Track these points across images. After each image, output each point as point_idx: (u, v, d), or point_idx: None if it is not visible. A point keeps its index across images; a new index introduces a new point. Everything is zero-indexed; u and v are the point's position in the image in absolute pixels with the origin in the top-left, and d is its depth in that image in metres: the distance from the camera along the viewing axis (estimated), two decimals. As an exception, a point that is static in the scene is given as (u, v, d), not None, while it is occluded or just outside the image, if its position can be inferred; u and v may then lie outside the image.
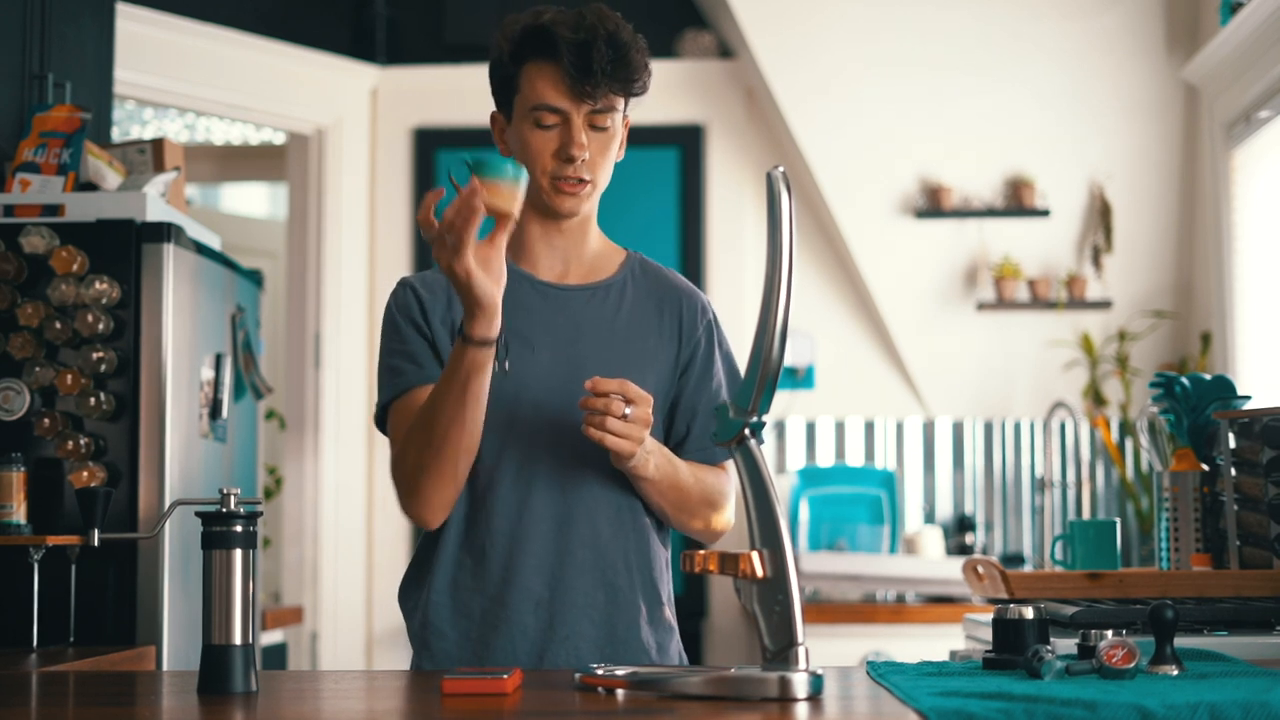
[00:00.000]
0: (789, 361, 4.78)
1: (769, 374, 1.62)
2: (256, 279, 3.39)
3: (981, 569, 2.49)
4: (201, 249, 3.01)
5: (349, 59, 4.98)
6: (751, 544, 1.61)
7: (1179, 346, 4.71)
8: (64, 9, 3.25)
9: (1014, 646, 1.73)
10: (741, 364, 2.12)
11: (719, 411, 1.66)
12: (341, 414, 4.91)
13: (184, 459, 2.90)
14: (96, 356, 2.80)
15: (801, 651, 1.57)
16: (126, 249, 2.85)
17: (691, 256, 4.86)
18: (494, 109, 2.16)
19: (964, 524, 4.73)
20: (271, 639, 4.50)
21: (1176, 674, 1.64)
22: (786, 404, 4.83)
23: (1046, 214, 4.72)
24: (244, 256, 4.82)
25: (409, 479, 2.04)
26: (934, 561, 4.35)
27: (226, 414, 3.10)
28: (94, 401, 2.79)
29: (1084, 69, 4.70)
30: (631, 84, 2.09)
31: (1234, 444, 2.51)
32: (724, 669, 1.61)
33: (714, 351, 2.19)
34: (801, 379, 4.84)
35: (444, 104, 4.97)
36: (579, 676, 1.69)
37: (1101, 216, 4.68)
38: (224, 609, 1.69)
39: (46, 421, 2.79)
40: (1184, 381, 2.63)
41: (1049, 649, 1.63)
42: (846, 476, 4.74)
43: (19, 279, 2.82)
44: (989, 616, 2.20)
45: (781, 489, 4.65)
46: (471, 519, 2.09)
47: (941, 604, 4.30)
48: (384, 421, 2.12)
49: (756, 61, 4.67)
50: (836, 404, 4.88)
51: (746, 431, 1.64)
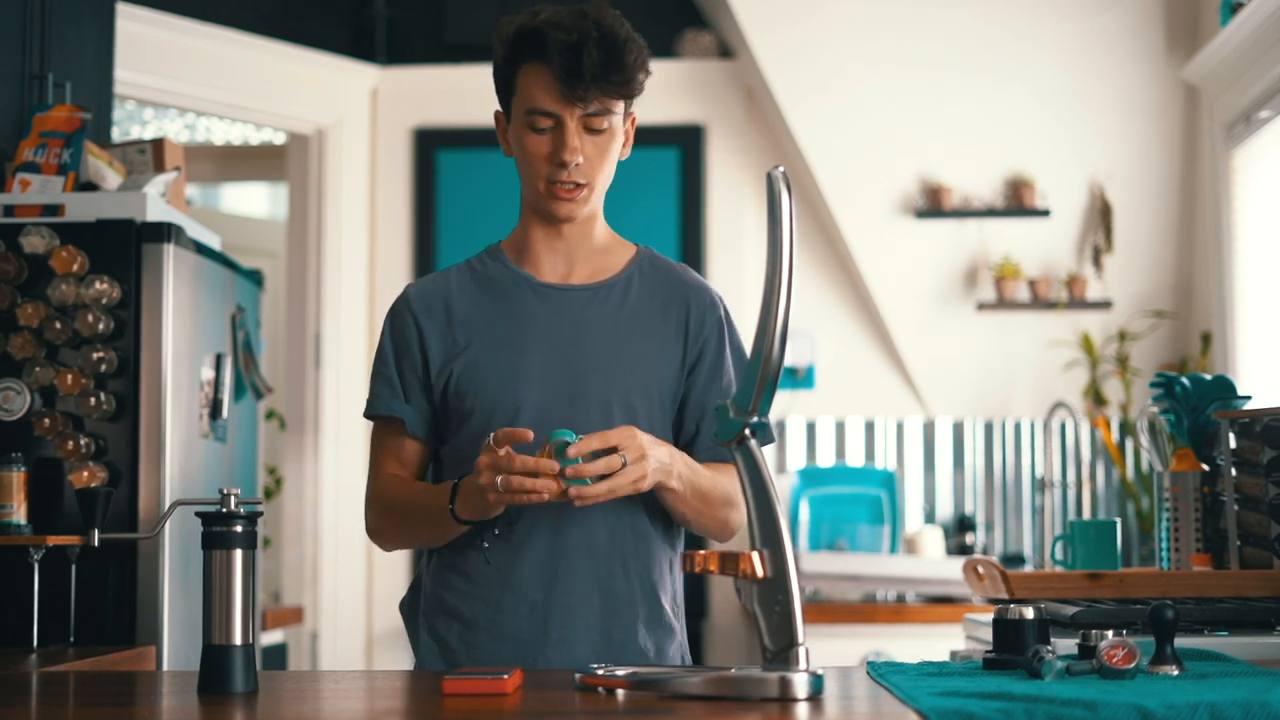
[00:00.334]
0: (789, 362, 4.78)
1: (769, 374, 1.62)
2: (256, 279, 3.39)
3: (982, 569, 2.49)
4: (201, 249, 3.01)
5: (349, 59, 4.98)
6: (752, 544, 1.61)
7: (1179, 346, 4.71)
8: (64, 9, 3.25)
9: (1014, 647, 1.73)
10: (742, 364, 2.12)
11: (719, 412, 1.65)
12: (341, 414, 4.91)
13: (184, 459, 2.89)
14: (97, 356, 2.80)
15: (802, 652, 1.57)
16: (126, 249, 2.84)
17: (691, 256, 4.86)
18: (497, 108, 2.15)
19: (964, 524, 4.73)
20: (271, 639, 4.50)
21: (1177, 674, 1.64)
22: (787, 404, 4.83)
23: (1047, 214, 4.72)
24: (244, 256, 4.82)
25: (379, 533, 2.13)
26: (934, 562, 4.35)
27: (227, 414, 3.10)
28: (94, 401, 2.79)
29: (1084, 69, 4.70)
30: (624, 86, 2.04)
31: (1234, 444, 2.51)
32: (724, 669, 1.61)
33: (724, 349, 2.15)
34: (802, 379, 4.84)
35: (444, 104, 4.97)
36: (579, 677, 1.69)
37: (1102, 216, 4.68)
38: (224, 609, 1.69)
39: (47, 421, 2.79)
40: (1184, 381, 2.63)
41: (1049, 649, 1.63)
42: (847, 476, 4.74)
43: (19, 279, 2.82)
44: (989, 617, 2.20)
45: (782, 489, 4.64)
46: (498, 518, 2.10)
47: (942, 604, 4.30)
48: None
49: (756, 61, 4.67)
50: (837, 404, 4.87)
51: (747, 431, 1.64)
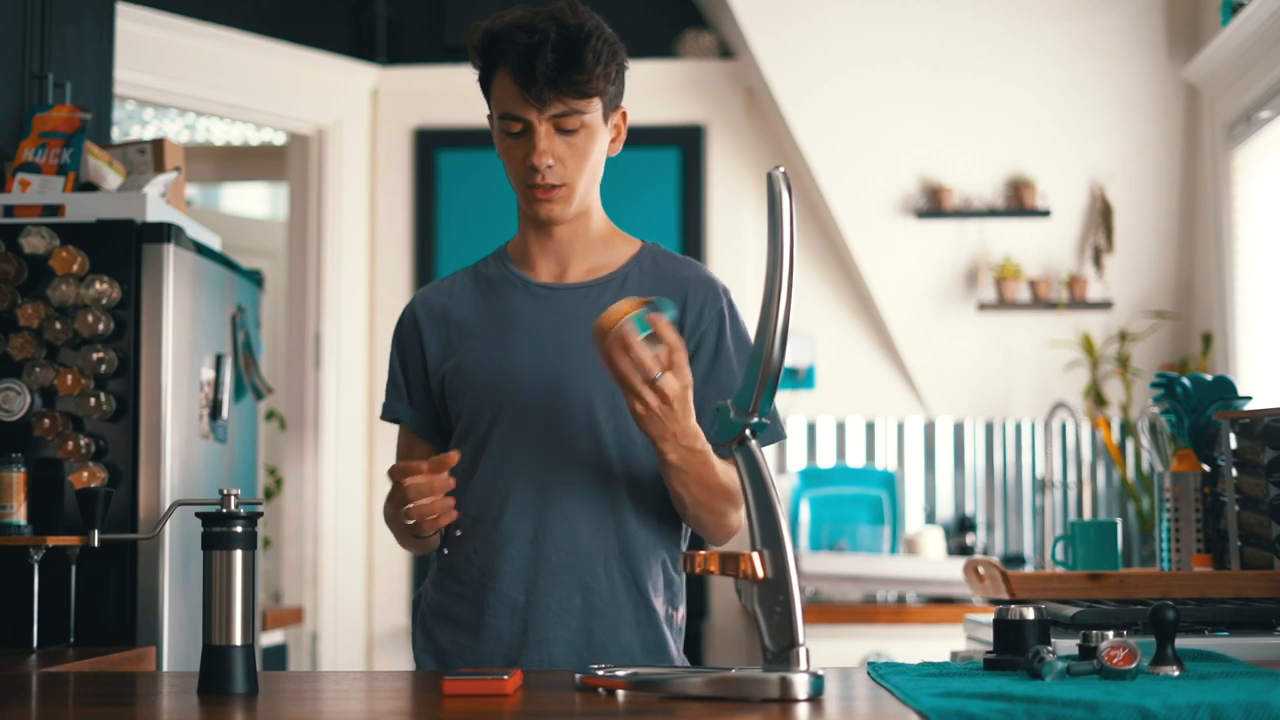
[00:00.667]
0: (790, 362, 4.78)
1: (770, 374, 1.61)
2: (256, 279, 3.39)
3: (982, 569, 2.49)
4: (201, 249, 3.01)
5: (349, 59, 4.98)
6: (752, 544, 1.61)
7: (1180, 347, 4.71)
8: (64, 9, 3.25)
9: (1015, 647, 1.73)
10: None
11: (720, 412, 1.65)
12: (341, 414, 4.91)
13: (184, 459, 2.89)
14: (97, 357, 2.80)
15: (802, 652, 1.57)
16: (126, 249, 2.84)
17: (692, 256, 4.85)
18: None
19: (965, 524, 4.72)
20: (272, 639, 4.50)
21: (1177, 675, 1.64)
22: (787, 404, 4.83)
23: (1047, 214, 4.71)
24: (244, 256, 4.83)
25: (393, 535, 2.17)
26: (935, 562, 4.35)
27: (227, 414, 3.10)
28: (94, 402, 2.79)
29: (1084, 69, 4.70)
30: (583, 86, 1.99)
31: (1235, 444, 2.51)
32: (724, 670, 1.61)
33: (724, 342, 2.10)
34: (802, 379, 4.84)
35: (444, 104, 4.97)
36: (579, 677, 1.69)
37: (1102, 217, 4.68)
38: (224, 609, 1.69)
39: (47, 422, 2.78)
40: (1185, 382, 2.63)
41: (1050, 650, 1.63)
42: (847, 477, 4.73)
43: (19, 279, 2.82)
44: (990, 617, 2.20)
45: (782, 489, 4.64)
46: (452, 525, 2.10)
47: (942, 605, 4.30)
48: None
49: (757, 61, 4.67)
50: (837, 404, 4.87)
51: (748, 432, 1.64)
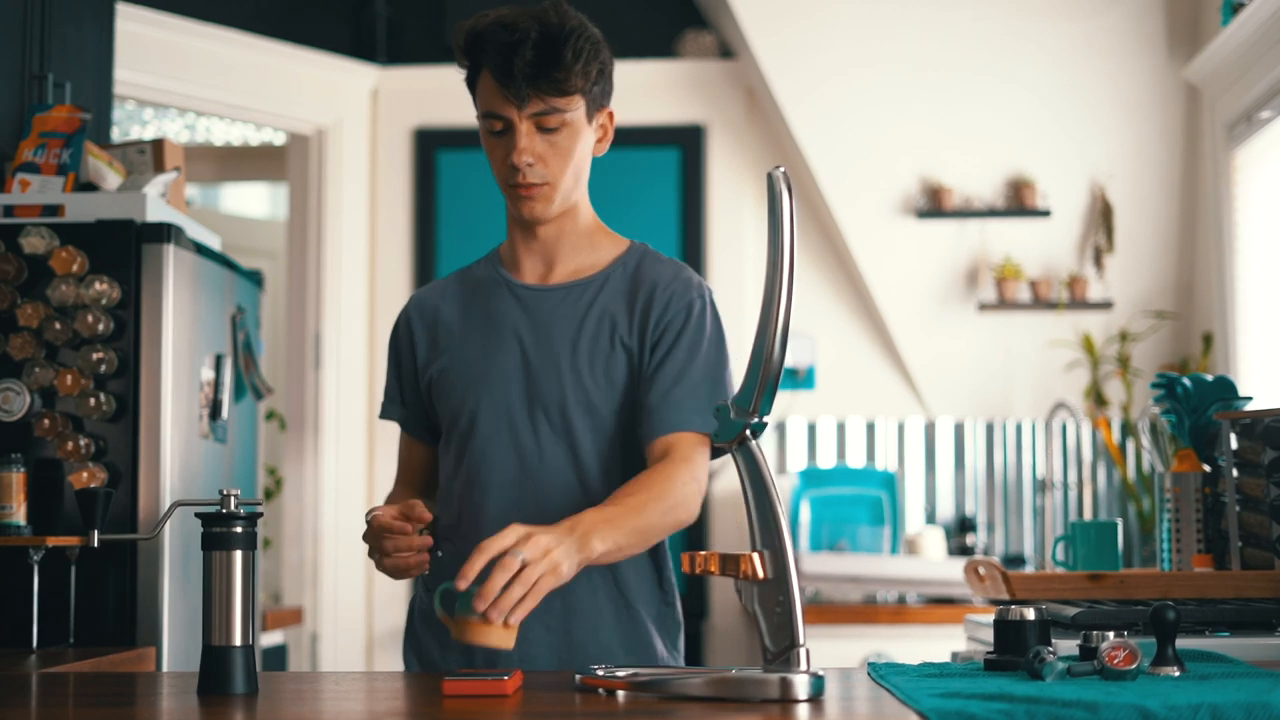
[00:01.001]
0: (790, 362, 4.78)
1: (770, 375, 1.61)
2: (256, 279, 3.39)
3: (983, 570, 2.49)
4: (201, 249, 3.01)
5: (349, 59, 4.98)
6: (752, 545, 1.61)
7: (1180, 347, 4.71)
8: (64, 9, 3.25)
9: (1015, 648, 1.73)
10: (742, 365, 2.11)
11: (720, 412, 1.65)
12: (341, 414, 4.91)
13: (184, 460, 2.89)
14: (96, 357, 2.80)
15: (802, 653, 1.57)
16: (126, 249, 2.84)
17: (692, 257, 4.86)
18: None
19: (965, 525, 4.72)
20: (272, 640, 4.50)
21: (1178, 675, 1.64)
22: (787, 405, 4.83)
23: (1048, 214, 4.71)
24: (244, 256, 4.83)
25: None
26: (935, 562, 4.35)
27: (226, 415, 3.09)
28: (94, 402, 2.79)
29: (1085, 69, 4.70)
30: (562, 84, 2.00)
31: (1235, 445, 2.51)
32: (725, 670, 1.61)
33: (684, 333, 2.07)
34: (802, 380, 4.84)
35: (444, 104, 4.97)
36: (580, 678, 1.69)
37: (1103, 217, 4.68)
38: (224, 610, 1.69)
39: (46, 422, 2.78)
40: (1185, 382, 2.63)
41: (1050, 650, 1.63)
42: (847, 477, 4.73)
43: (19, 279, 2.82)
44: (990, 617, 2.20)
45: (782, 490, 4.64)
46: (434, 526, 2.11)
47: (943, 605, 4.29)
48: None
49: (757, 61, 4.67)
50: (837, 405, 4.87)
51: (747, 432, 1.64)
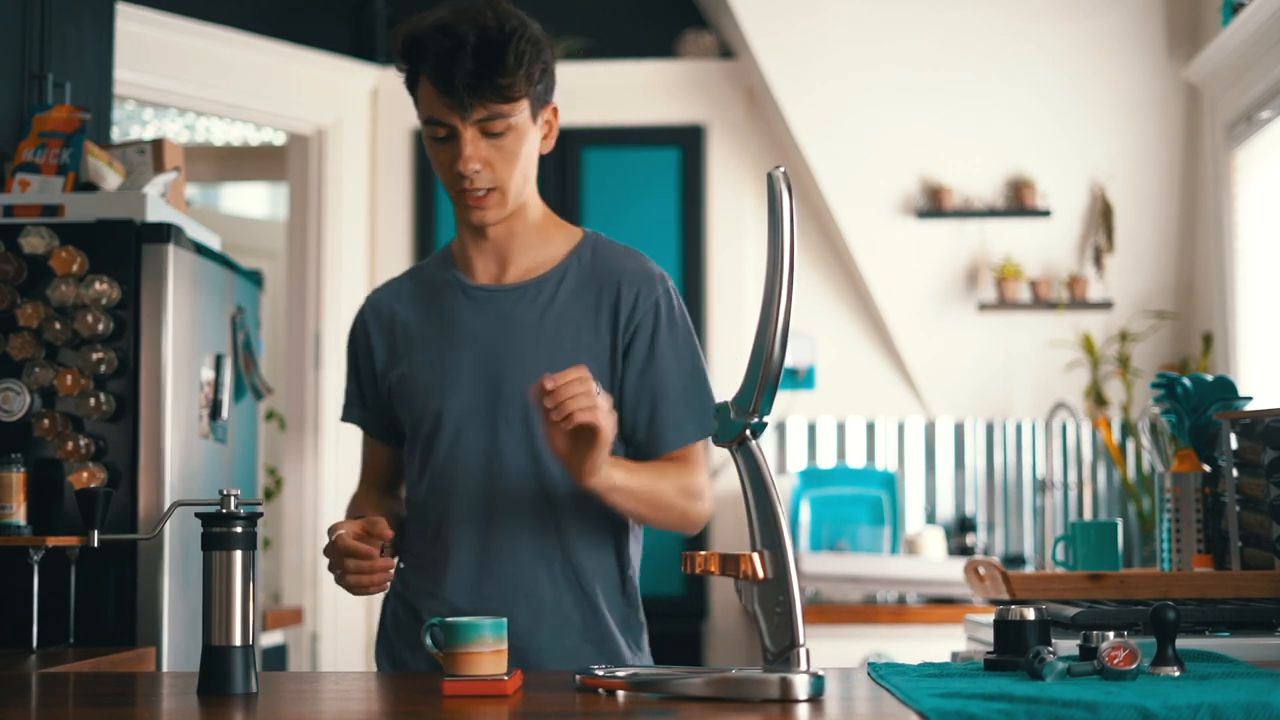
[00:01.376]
0: (790, 362, 4.78)
1: (770, 375, 1.61)
2: (256, 279, 3.39)
3: (983, 570, 2.49)
4: (201, 249, 3.01)
5: (349, 59, 4.98)
6: (752, 545, 1.61)
7: (1180, 347, 4.71)
8: (64, 9, 3.25)
9: (1015, 648, 1.73)
10: (741, 364, 2.12)
11: (720, 412, 1.65)
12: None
13: (184, 460, 2.89)
14: (96, 357, 2.80)
15: (802, 653, 1.57)
16: (126, 249, 2.84)
17: (692, 257, 4.85)
18: None
19: (965, 525, 4.72)
20: (271, 640, 4.49)
21: (1178, 675, 1.64)
22: (787, 405, 4.83)
23: (1048, 214, 4.71)
24: (244, 256, 4.82)
25: None
26: (935, 562, 4.35)
27: (226, 415, 3.09)
28: (94, 402, 2.79)
29: (1085, 69, 4.70)
30: (505, 90, 1.94)
31: (1235, 445, 2.51)
32: (725, 670, 1.61)
33: (658, 333, 2.06)
34: (802, 380, 4.84)
35: (444, 104, 4.96)
36: (579, 678, 1.69)
37: (1103, 217, 4.68)
38: (224, 610, 1.69)
39: (46, 422, 2.78)
40: (1185, 382, 2.63)
41: (1050, 650, 1.63)
42: (847, 477, 4.73)
43: (19, 279, 2.82)
44: (990, 617, 2.20)
45: (782, 490, 4.64)
46: (396, 544, 2.11)
47: (943, 605, 4.29)
48: None
49: (757, 62, 4.66)
50: (837, 405, 4.87)
51: (747, 432, 1.64)
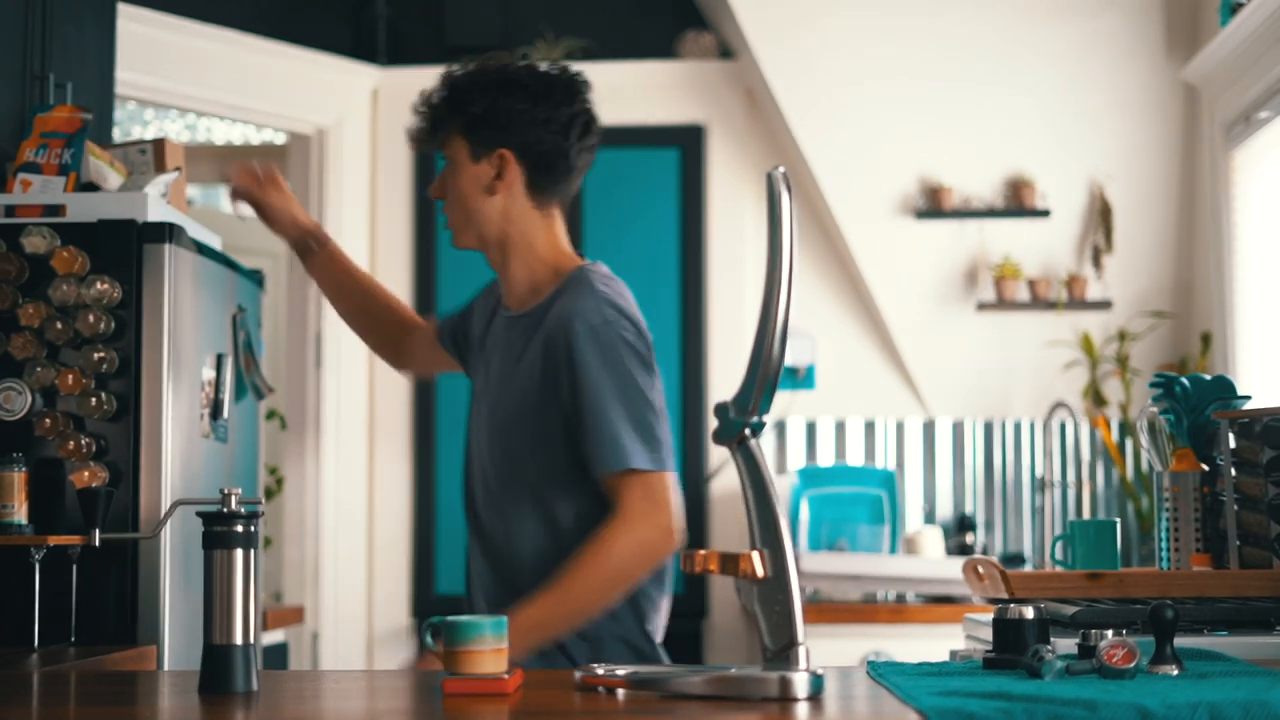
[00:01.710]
0: (789, 362, 4.78)
1: (769, 374, 1.62)
2: (257, 279, 3.39)
3: (982, 569, 2.49)
4: (202, 249, 3.01)
5: (349, 59, 4.98)
6: (752, 544, 1.62)
7: (1179, 346, 4.71)
8: (65, 9, 3.25)
9: (1014, 646, 1.73)
10: (741, 364, 2.12)
11: (719, 411, 1.66)
12: (342, 414, 4.91)
13: (185, 459, 2.89)
14: (97, 357, 2.80)
15: (802, 651, 1.57)
16: (127, 249, 2.84)
17: (692, 257, 4.85)
18: None
19: (964, 524, 4.73)
20: (272, 639, 4.50)
21: (1176, 674, 1.64)
22: (787, 404, 4.83)
23: (1047, 214, 4.72)
24: (244, 256, 4.81)
25: None
26: (934, 561, 4.35)
27: (227, 414, 3.10)
28: (95, 402, 2.79)
29: (1084, 69, 4.70)
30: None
31: (1234, 444, 2.51)
32: (724, 669, 1.62)
33: (574, 370, 2.19)
34: (802, 379, 4.84)
35: (444, 104, 4.96)
36: (580, 676, 1.69)
37: (1101, 217, 4.68)
38: (225, 609, 1.69)
39: (48, 421, 2.78)
40: (1184, 381, 2.63)
41: (1049, 649, 1.63)
42: (847, 476, 4.74)
43: (20, 279, 2.82)
44: (989, 616, 2.20)
45: (782, 489, 4.65)
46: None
47: (942, 604, 4.30)
48: None
49: (757, 62, 4.67)
50: (837, 404, 4.88)
51: (747, 431, 1.64)
